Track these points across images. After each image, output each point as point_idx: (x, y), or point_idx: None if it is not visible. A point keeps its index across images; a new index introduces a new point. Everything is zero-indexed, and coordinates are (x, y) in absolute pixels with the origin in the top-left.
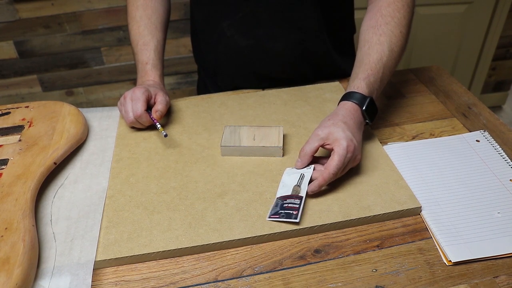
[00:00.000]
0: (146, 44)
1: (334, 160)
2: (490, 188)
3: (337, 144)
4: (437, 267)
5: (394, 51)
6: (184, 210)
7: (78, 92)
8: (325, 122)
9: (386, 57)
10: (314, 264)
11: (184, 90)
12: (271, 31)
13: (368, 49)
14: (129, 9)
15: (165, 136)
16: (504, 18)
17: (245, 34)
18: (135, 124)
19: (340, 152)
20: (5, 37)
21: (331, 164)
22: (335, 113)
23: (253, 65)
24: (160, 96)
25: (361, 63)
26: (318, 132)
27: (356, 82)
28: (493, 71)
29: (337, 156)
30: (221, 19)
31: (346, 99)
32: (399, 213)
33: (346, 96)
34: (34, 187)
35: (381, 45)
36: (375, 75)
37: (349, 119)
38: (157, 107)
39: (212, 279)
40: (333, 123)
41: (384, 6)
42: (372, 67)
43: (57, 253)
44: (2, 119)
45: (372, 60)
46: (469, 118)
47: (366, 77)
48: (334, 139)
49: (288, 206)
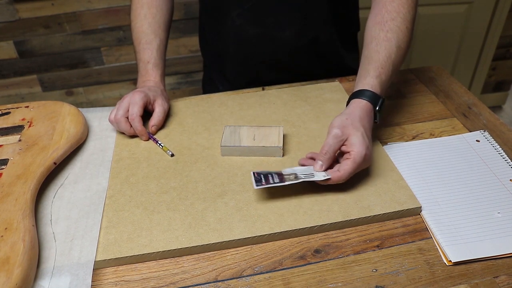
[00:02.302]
0: (149, 43)
1: (349, 166)
2: (490, 188)
3: (355, 150)
4: (437, 267)
5: (401, 48)
6: (184, 210)
7: (78, 92)
8: (343, 121)
9: (394, 54)
10: (314, 264)
11: (184, 90)
12: (280, 19)
13: (376, 45)
14: (133, 6)
15: (172, 156)
16: (504, 18)
17: (254, 23)
18: (121, 123)
19: (357, 160)
20: (5, 37)
21: (345, 169)
22: (351, 111)
23: (262, 54)
24: (158, 104)
25: (370, 60)
26: (338, 132)
27: (369, 80)
28: (493, 71)
29: (352, 163)
30: (230, 9)
31: (360, 97)
32: (399, 213)
33: (360, 93)
34: (34, 187)
35: (389, 41)
36: (386, 74)
37: (366, 122)
38: (153, 121)
39: (212, 279)
40: (352, 124)
41: (388, 1)
42: (382, 65)
43: (57, 253)
44: (2, 119)
45: (381, 58)
46: (469, 118)
47: (378, 75)
48: (353, 144)
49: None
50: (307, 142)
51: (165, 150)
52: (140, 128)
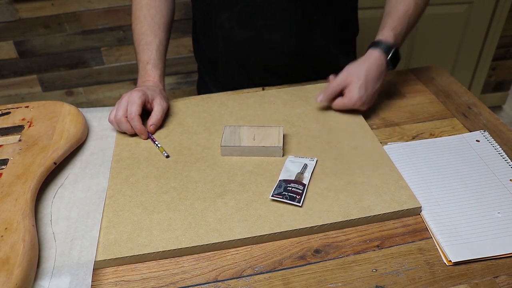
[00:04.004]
0: (148, 43)
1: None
2: (490, 188)
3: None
4: (437, 267)
5: (418, 4)
6: (184, 210)
7: (78, 92)
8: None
9: (412, 9)
10: (314, 264)
11: (184, 90)
12: (270, 22)
13: (396, 2)
14: (133, 8)
15: (167, 157)
16: (504, 18)
17: (245, 26)
18: (121, 124)
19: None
20: (5, 37)
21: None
22: (363, 61)
23: (253, 58)
24: (157, 103)
25: (389, 14)
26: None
27: (384, 31)
28: (493, 71)
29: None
30: (220, 11)
31: (374, 47)
32: (399, 213)
33: (375, 44)
34: (34, 187)
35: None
36: (402, 26)
37: (372, 71)
38: (152, 120)
39: (212, 279)
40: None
41: None
42: (400, 18)
43: (57, 253)
44: (2, 119)
45: (399, 12)
46: (469, 118)
47: (393, 28)
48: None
49: (292, 190)
50: (307, 142)
51: (161, 151)
52: (139, 127)
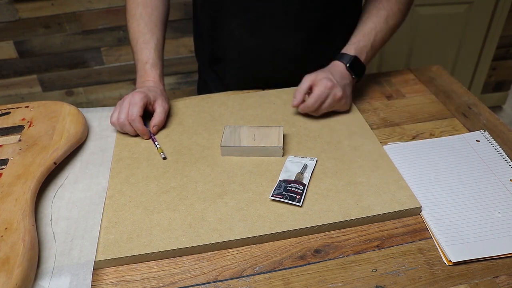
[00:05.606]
0: (146, 42)
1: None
2: (490, 188)
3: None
4: (437, 267)
5: (389, 24)
6: (184, 210)
7: (78, 92)
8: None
9: (380, 28)
10: (314, 264)
11: (184, 90)
12: (283, 30)
13: (366, 19)
14: (128, 6)
15: (164, 159)
16: (504, 18)
17: (255, 33)
18: (124, 127)
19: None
20: (5, 37)
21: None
22: (326, 68)
23: (262, 64)
24: (159, 105)
25: (357, 29)
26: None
27: (347, 46)
28: (493, 71)
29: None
30: (230, 19)
31: (336, 59)
32: (399, 213)
33: (337, 56)
34: (34, 187)
35: (378, 17)
36: (366, 41)
37: (333, 71)
38: (154, 121)
39: (212, 279)
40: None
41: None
42: (364, 34)
43: (57, 253)
44: (2, 119)
45: (366, 28)
46: (469, 118)
47: (356, 42)
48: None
49: (292, 190)
50: (307, 142)
51: (159, 152)
52: (141, 128)
